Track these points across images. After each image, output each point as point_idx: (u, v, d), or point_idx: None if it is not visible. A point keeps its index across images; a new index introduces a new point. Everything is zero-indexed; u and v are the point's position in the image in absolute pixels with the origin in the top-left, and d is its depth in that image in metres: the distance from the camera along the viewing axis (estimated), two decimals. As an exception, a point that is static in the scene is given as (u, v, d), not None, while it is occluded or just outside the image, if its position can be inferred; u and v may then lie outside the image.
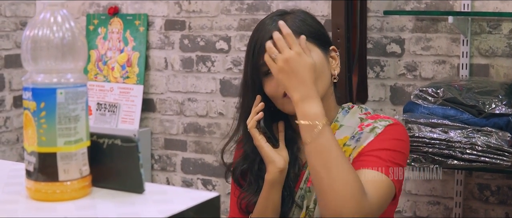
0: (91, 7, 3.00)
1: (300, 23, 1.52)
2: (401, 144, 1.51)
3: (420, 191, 2.45)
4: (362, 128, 1.52)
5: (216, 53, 2.74)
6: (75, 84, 0.96)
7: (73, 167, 0.96)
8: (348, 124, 1.55)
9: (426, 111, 2.00)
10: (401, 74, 2.43)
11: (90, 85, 2.98)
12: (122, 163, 0.98)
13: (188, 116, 2.84)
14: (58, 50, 0.95)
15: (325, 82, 1.51)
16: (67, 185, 0.95)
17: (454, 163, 1.94)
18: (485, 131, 1.92)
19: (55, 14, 0.96)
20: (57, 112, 0.94)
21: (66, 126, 0.95)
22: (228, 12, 2.70)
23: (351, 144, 1.50)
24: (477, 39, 2.30)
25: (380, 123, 1.51)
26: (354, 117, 1.57)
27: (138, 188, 0.97)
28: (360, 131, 1.51)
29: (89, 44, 3.00)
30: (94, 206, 0.93)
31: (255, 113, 1.53)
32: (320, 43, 1.53)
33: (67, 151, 0.95)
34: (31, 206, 0.93)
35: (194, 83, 2.80)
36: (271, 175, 1.51)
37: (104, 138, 0.99)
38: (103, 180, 1.01)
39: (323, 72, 1.50)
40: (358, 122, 1.55)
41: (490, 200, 2.35)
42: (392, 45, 2.43)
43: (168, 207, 0.90)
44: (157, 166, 2.93)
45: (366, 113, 1.59)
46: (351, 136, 1.52)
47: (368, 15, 2.42)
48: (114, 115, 2.89)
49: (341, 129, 1.55)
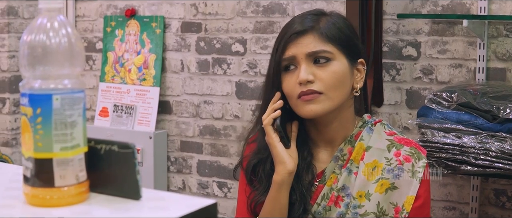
0: (108, 9, 3.02)
1: (333, 27, 1.48)
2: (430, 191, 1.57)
3: (435, 196, 2.42)
4: (400, 161, 1.49)
5: (232, 56, 2.74)
6: (72, 90, 0.96)
7: (70, 173, 0.96)
8: (377, 146, 1.52)
9: (440, 115, 1.98)
10: (417, 78, 2.41)
11: (107, 87, 3.00)
12: (119, 169, 0.98)
13: (204, 118, 2.84)
14: (54, 56, 0.95)
15: (343, 92, 1.49)
16: (64, 191, 0.96)
17: (468, 168, 1.91)
18: (499, 136, 1.89)
19: (52, 20, 0.96)
20: (53, 117, 0.94)
21: (62, 132, 0.95)
22: (244, 15, 2.70)
23: (389, 179, 1.49)
24: (494, 42, 2.27)
25: (419, 164, 1.50)
26: (381, 138, 1.54)
27: (135, 194, 0.97)
28: (398, 164, 1.49)
29: (106, 46, 3.02)
30: (90, 212, 0.93)
31: (272, 110, 1.50)
32: (348, 53, 1.49)
33: (63, 157, 0.95)
34: (27, 211, 0.93)
35: (210, 85, 2.81)
36: (280, 176, 1.49)
37: (102, 143, 0.99)
38: (100, 186, 1.01)
39: (343, 82, 1.48)
40: (387, 144, 1.52)
41: (506, 205, 2.32)
42: (408, 48, 2.41)
43: (163, 214, 0.90)
44: (173, 168, 2.93)
45: (391, 132, 1.56)
46: (388, 168, 1.49)
47: (384, 18, 2.40)
48: (130, 117, 2.91)
49: (369, 151, 1.52)
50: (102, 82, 3.02)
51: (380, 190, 1.48)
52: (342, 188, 1.51)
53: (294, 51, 1.47)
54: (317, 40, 1.46)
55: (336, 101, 1.47)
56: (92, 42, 3.11)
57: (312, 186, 1.55)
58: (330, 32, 1.47)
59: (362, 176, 1.50)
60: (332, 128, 1.54)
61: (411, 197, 1.47)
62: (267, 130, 1.50)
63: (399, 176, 1.48)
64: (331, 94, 1.46)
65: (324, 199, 1.52)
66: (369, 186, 1.49)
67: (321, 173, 1.55)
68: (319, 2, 2.51)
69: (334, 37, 1.47)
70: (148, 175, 2.85)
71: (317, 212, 1.51)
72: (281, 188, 1.49)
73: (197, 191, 2.89)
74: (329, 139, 1.56)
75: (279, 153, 1.48)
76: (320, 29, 1.47)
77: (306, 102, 1.46)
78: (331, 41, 1.47)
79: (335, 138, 1.55)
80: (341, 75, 1.47)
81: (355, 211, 1.48)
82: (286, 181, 1.49)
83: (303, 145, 1.56)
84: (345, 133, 1.55)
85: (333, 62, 1.47)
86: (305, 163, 1.55)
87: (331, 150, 1.56)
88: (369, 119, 1.59)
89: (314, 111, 1.47)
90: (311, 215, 1.52)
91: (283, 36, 1.49)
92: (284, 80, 1.50)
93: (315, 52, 1.46)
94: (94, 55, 3.11)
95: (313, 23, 1.48)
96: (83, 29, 3.12)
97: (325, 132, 1.55)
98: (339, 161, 1.53)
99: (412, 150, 1.51)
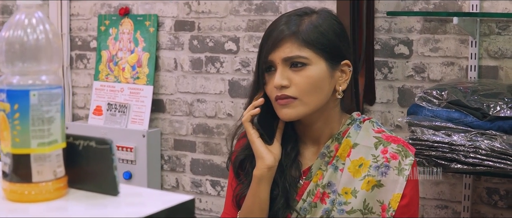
0: (102, 7, 3.02)
1: (313, 31, 1.47)
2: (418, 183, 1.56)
3: (428, 195, 2.42)
4: (387, 158, 1.49)
5: (225, 54, 2.74)
6: (50, 86, 0.96)
7: (47, 169, 0.96)
8: (363, 142, 1.52)
9: (430, 113, 1.97)
10: (409, 76, 2.40)
11: (101, 85, 3.00)
12: (97, 165, 0.98)
13: (197, 116, 2.84)
14: (32, 52, 0.95)
15: (321, 97, 1.49)
16: (41, 186, 0.96)
17: (458, 166, 1.91)
18: (489, 134, 1.89)
19: (30, 17, 0.96)
20: (30, 113, 0.94)
21: (40, 128, 0.95)
22: (236, 13, 2.70)
23: (376, 176, 1.48)
24: (486, 40, 2.27)
25: (406, 162, 1.49)
26: (368, 135, 1.54)
27: (113, 190, 0.97)
28: (384, 161, 1.49)
29: (100, 45, 3.02)
30: (66, 207, 0.93)
31: (252, 107, 1.52)
32: (329, 56, 1.49)
33: (40, 153, 0.95)
34: (4, 207, 0.93)
35: (203, 84, 2.81)
36: (259, 170, 1.51)
37: (80, 139, 0.99)
38: (79, 182, 1.01)
39: (319, 87, 1.48)
40: (375, 141, 1.52)
41: (499, 204, 2.31)
42: (400, 46, 2.40)
43: (139, 210, 0.90)
44: (166, 167, 2.93)
45: (379, 130, 1.56)
46: (374, 165, 1.49)
47: (375, 16, 2.40)
48: (124, 115, 2.90)
49: (356, 148, 1.52)
50: (96, 81, 3.02)
51: (366, 187, 1.48)
52: (328, 184, 1.51)
53: (272, 56, 1.49)
54: (294, 46, 1.46)
55: (311, 106, 1.48)
56: (86, 41, 3.11)
57: (298, 182, 1.55)
58: (309, 37, 1.47)
59: (348, 173, 1.50)
60: (316, 127, 1.55)
61: (398, 195, 1.47)
62: (245, 126, 1.52)
63: (386, 174, 1.48)
64: (306, 99, 1.47)
65: (310, 195, 1.52)
66: (355, 183, 1.49)
67: (307, 169, 1.56)
68: (311, 0, 2.51)
69: (313, 42, 1.47)
70: (141, 173, 2.85)
71: (303, 208, 1.52)
72: (260, 182, 1.51)
73: (191, 190, 2.89)
74: (315, 137, 1.56)
75: (258, 148, 1.50)
76: (299, 34, 1.47)
77: (281, 106, 1.49)
78: (309, 46, 1.47)
79: (321, 136, 1.56)
80: (316, 80, 1.47)
81: (341, 207, 1.48)
82: (266, 176, 1.50)
83: (288, 141, 1.57)
84: (331, 131, 1.56)
85: (310, 67, 1.47)
86: (289, 159, 1.56)
87: (317, 147, 1.57)
88: (357, 117, 1.59)
89: (289, 115, 1.49)
90: (296, 212, 1.52)
91: (264, 39, 1.51)
92: (267, 80, 1.52)
93: (291, 58, 1.47)
94: (88, 54, 3.11)
95: (294, 27, 1.48)
96: (77, 28, 3.12)
97: (310, 130, 1.56)
98: (326, 158, 1.54)
99: (399, 148, 1.51)
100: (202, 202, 2.88)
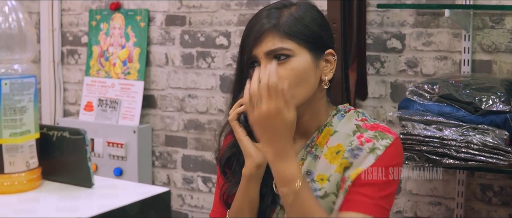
0: (93, 2, 2.99)
1: (294, 23, 1.45)
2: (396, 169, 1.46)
3: (421, 191, 2.39)
4: (361, 142, 1.45)
5: (216, 49, 2.71)
6: (22, 75, 0.94)
7: (20, 159, 0.94)
8: (343, 130, 1.49)
9: (421, 107, 1.94)
10: (401, 71, 2.37)
11: (92, 81, 2.97)
12: (71, 156, 0.96)
13: (188, 112, 2.81)
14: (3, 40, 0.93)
15: (307, 88, 1.46)
16: (14, 177, 0.93)
17: (449, 162, 1.88)
18: (482, 128, 1.86)
19: (2, 5, 0.94)
20: (1, 102, 0.92)
21: (12, 118, 0.92)
22: (227, 7, 2.67)
23: (348, 158, 1.45)
24: (479, 34, 2.24)
25: (381, 143, 1.44)
26: (349, 122, 1.51)
27: (87, 182, 0.95)
28: (358, 144, 1.45)
29: (91, 40, 2.99)
30: (38, 199, 0.91)
31: (238, 105, 1.49)
32: (312, 46, 1.46)
33: (12, 143, 0.93)
34: (-25, 198, 0.91)
35: (194, 79, 2.78)
36: (248, 169, 1.47)
37: (53, 130, 0.97)
38: (54, 173, 0.99)
39: (304, 78, 1.45)
40: (354, 129, 1.49)
41: (493, 201, 2.29)
42: (393, 40, 2.37)
43: (112, 202, 0.87)
44: (158, 163, 2.91)
45: (363, 119, 1.52)
46: (349, 148, 1.46)
47: (368, 9, 2.37)
48: (115, 111, 2.88)
49: (334, 135, 1.49)
50: (87, 76, 2.99)
51: (339, 169, 1.45)
52: (307, 173, 1.48)
53: (254, 51, 1.46)
54: (276, 38, 1.44)
55: (299, 98, 1.44)
56: (78, 36, 3.08)
57: None
58: (290, 28, 1.44)
59: (325, 159, 1.47)
60: (304, 120, 1.52)
61: (360, 169, 1.42)
62: (232, 125, 1.49)
63: (358, 156, 1.44)
64: (292, 92, 1.42)
65: None
66: (331, 169, 1.46)
67: None
68: (303, -6, 2.48)
69: (295, 33, 1.44)
70: (132, 170, 2.82)
71: None
72: (250, 181, 1.48)
73: (182, 186, 2.86)
74: (303, 130, 1.54)
75: (246, 147, 1.47)
76: (280, 26, 1.44)
77: None
78: (290, 38, 1.44)
79: (309, 129, 1.53)
80: (301, 71, 1.44)
81: (315, 194, 1.45)
82: (255, 174, 1.47)
83: None
84: (318, 123, 1.53)
85: (293, 59, 1.44)
86: None
87: (304, 141, 1.54)
88: (343, 108, 1.56)
89: None
90: (279, 205, 1.50)
91: (247, 35, 1.48)
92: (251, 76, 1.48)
93: (273, 51, 1.44)
94: (80, 49, 3.08)
95: (274, 20, 1.45)
96: (69, 23, 3.09)
97: (299, 123, 1.53)
98: (308, 148, 1.52)
99: (376, 133, 1.46)
100: (194, 198, 2.85)
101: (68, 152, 0.96)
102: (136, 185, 0.96)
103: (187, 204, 2.86)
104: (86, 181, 0.95)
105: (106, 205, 0.85)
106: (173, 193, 2.88)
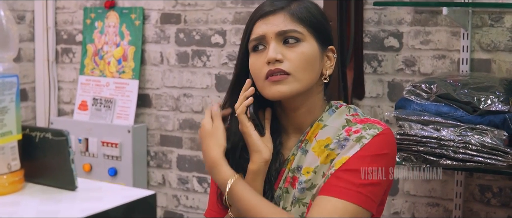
0: (88, 1, 2.96)
1: (304, 10, 1.45)
2: (384, 160, 1.40)
3: (419, 192, 2.36)
4: (349, 133, 1.42)
5: (212, 48, 2.68)
6: (3, 75, 0.91)
7: (1, 162, 0.91)
8: (332, 124, 1.47)
9: (418, 107, 1.91)
10: (399, 70, 2.34)
11: (87, 80, 2.94)
12: (53, 158, 0.93)
13: (183, 111, 2.78)
14: (-17, 37, 0.90)
15: (312, 76, 1.44)
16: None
17: (447, 162, 1.85)
18: (480, 129, 1.83)
19: (-18, 0, 0.91)
20: (-19, 102, 0.88)
21: (-8, 118, 0.89)
22: (223, 5, 2.64)
23: (335, 149, 1.42)
24: (478, 32, 2.21)
25: (368, 132, 1.41)
26: (340, 117, 1.48)
27: (70, 185, 0.92)
28: (346, 136, 1.42)
29: (86, 39, 2.95)
30: (19, 202, 0.88)
31: (244, 98, 1.45)
32: (319, 36, 1.46)
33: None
34: (-47, 202, 0.88)
35: (189, 78, 2.75)
36: (256, 165, 1.44)
37: (36, 131, 0.94)
38: (36, 176, 0.96)
39: (312, 64, 1.44)
40: (344, 123, 1.46)
41: (491, 202, 2.26)
42: (390, 39, 2.34)
43: (94, 205, 0.84)
44: (153, 163, 2.87)
45: (354, 114, 1.49)
46: (336, 140, 1.43)
47: (365, 7, 2.34)
48: (109, 110, 2.84)
49: (324, 129, 1.47)
50: (82, 75, 2.96)
51: (325, 161, 1.42)
52: (297, 168, 1.45)
53: (264, 30, 1.43)
54: (288, 20, 1.43)
55: (304, 84, 1.42)
56: (72, 34, 3.05)
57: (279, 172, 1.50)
58: (301, 13, 1.44)
59: (312, 153, 1.44)
60: (300, 113, 1.49)
61: (345, 157, 1.38)
62: (240, 119, 1.45)
63: (344, 146, 1.41)
64: (299, 75, 1.42)
65: (283, 181, 1.48)
66: (317, 162, 1.43)
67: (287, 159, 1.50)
68: (300, -8, 2.45)
69: (305, 19, 1.44)
70: (127, 170, 2.78)
71: (278, 196, 1.47)
72: (257, 176, 1.45)
73: (177, 186, 2.83)
74: (298, 125, 1.51)
75: (255, 142, 1.44)
76: (291, 10, 1.44)
77: (273, 83, 1.42)
78: (301, 22, 1.44)
79: (303, 123, 1.51)
80: (310, 56, 1.43)
81: (301, 186, 1.42)
82: (262, 169, 1.45)
83: (275, 133, 1.52)
84: (313, 118, 1.50)
85: (303, 44, 1.43)
86: (274, 152, 1.50)
87: (299, 136, 1.52)
88: (335, 104, 1.53)
89: (282, 92, 1.42)
90: (273, 200, 1.47)
91: (253, 16, 1.47)
92: (252, 61, 1.46)
93: (285, 32, 1.42)
94: (74, 47, 3.05)
95: (284, 4, 1.46)
96: (63, 21, 3.06)
97: (294, 117, 1.50)
98: (299, 143, 1.49)
99: (365, 125, 1.43)
100: (189, 199, 2.82)
101: (51, 153, 0.93)
102: (121, 188, 0.93)
103: (182, 204, 2.83)
104: (69, 184, 0.92)
105: (88, 209, 0.82)
106: (168, 194, 2.85)
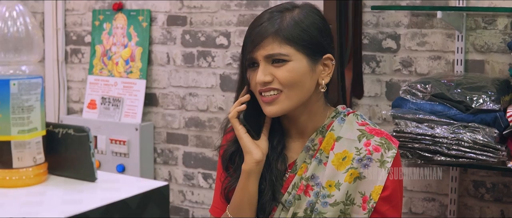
0: (96, 3, 3.06)
1: (294, 28, 1.50)
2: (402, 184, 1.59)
3: (415, 188, 2.45)
4: (370, 151, 1.52)
5: (216, 49, 2.78)
6: (29, 76, 1.00)
7: (27, 155, 1.00)
8: (347, 136, 1.55)
9: (414, 106, 2.01)
10: (396, 70, 2.43)
11: (95, 79, 3.04)
12: (75, 152, 1.02)
13: (189, 110, 2.87)
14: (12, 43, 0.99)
15: (303, 91, 1.53)
16: (22, 172, 0.99)
17: (441, 159, 1.94)
18: (472, 127, 1.92)
19: (11, 10, 1.00)
20: (10, 102, 0.98)
21: (20, 116, 0.98)
22: (227, 8, 2.73)
23: (358, 168, 1.52)
24: (472, 34, 2.30)
25: (388, 154, 1.52)
26: (352, 128, 1.57)
27: (91, 176, 1.01)
28: (368, 154, 1.52)
29: (95, 40, 3.05)
30: (44, 192, 0.97)
31: (238, 104, 1.56)
32: (310, 52, 1.52)
33: (20, 140, 0.99)
34: (-15, 191, 0.97)
35: (195, 78, 2.84)
36: (247, 165, 1.55)
37: (59, 127, 1.03)
38: (59, 168, 1.05)
39: (300, 81, 1.51)
40: (359, 134, 1.55)
41: (485, 197, 2.35)
42: (388, 40, 2.43)
43: (113, 195, 0.93)
44: (159, 160, 2.97)
45: (363, 123, 1.59)
46: (357, 157, 1.52)
47: (363, 10, 2.43)
48: (117, 109, 2.94)
49: (339, 141, 1.55)
50: (90, 75, 3.06)
51: (349, 179, 1.51)
52: (312, 177, 1.54)
53: (254, 53, 1.53)
54: (276, 43, 1.50)
55: (294, 100, 1.52)
56: (81, 35, 3.14)
57: (284, 175, 1.59)
58: (290, 33, 1.50)
59: (332, 166, 1.53)
60: (301, 120, 1.59)
61: (379, 187, 1.50)
62: (232, 123, 1.57)
63: (368, 166, 1.51)
64: (289, 92, 1.51)
65: (294, 188, 1.56)
66: (339, 176, 1.52)
67: (292, 163, 1.60)
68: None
69: (294, 39, 1.50)
70: (134, 166, 2.88)
71: (288, 201, 1.55)
72: (249, 176, 1.55)
73: (183, 182, 2.92)
74: (300, 130, 1.60)
75: (245, 144, 1.55)
76: (281, 31, 1.50)
77: (266, 103, 1.53)
78: (289, 43, 1.50)
79: (306, 129, 1.60)
80: (297, 74, 1.50)
81: (324, 200, 1.51)
82: (254, 170, 1.55)
83: (275, 135, 1.61)
84: (315, 124, 1.59)
85: (290, 63, 1.51)
86: (276, 153, 1.60)
87: (303, 140, 1.60)
88: (342, 110, 1.62)
89: (273, 112, 1.53)
90: (281, 204, 1.56)
91: (248, 37, 1.55)
92: (249, 75, 1.56)
93: (272, 55, 1.51)
94: (83, 48, 3.15)
95: (276, 24, 1.51)
96: (72, 23, 3.15)
97: (296, 124, 1.60)
98: (310, 151, 1.58)
99: (382, 140, 1.54)
100: (194, 194, 2.91)
101: (72, 148, 1.02)
102: (137, 180, 1.02)
103: (188, 200, 2.93)
104: (89, 176, 1.01)
105: (108, 198, 0.91)
106: (174, 189, 2.94)
